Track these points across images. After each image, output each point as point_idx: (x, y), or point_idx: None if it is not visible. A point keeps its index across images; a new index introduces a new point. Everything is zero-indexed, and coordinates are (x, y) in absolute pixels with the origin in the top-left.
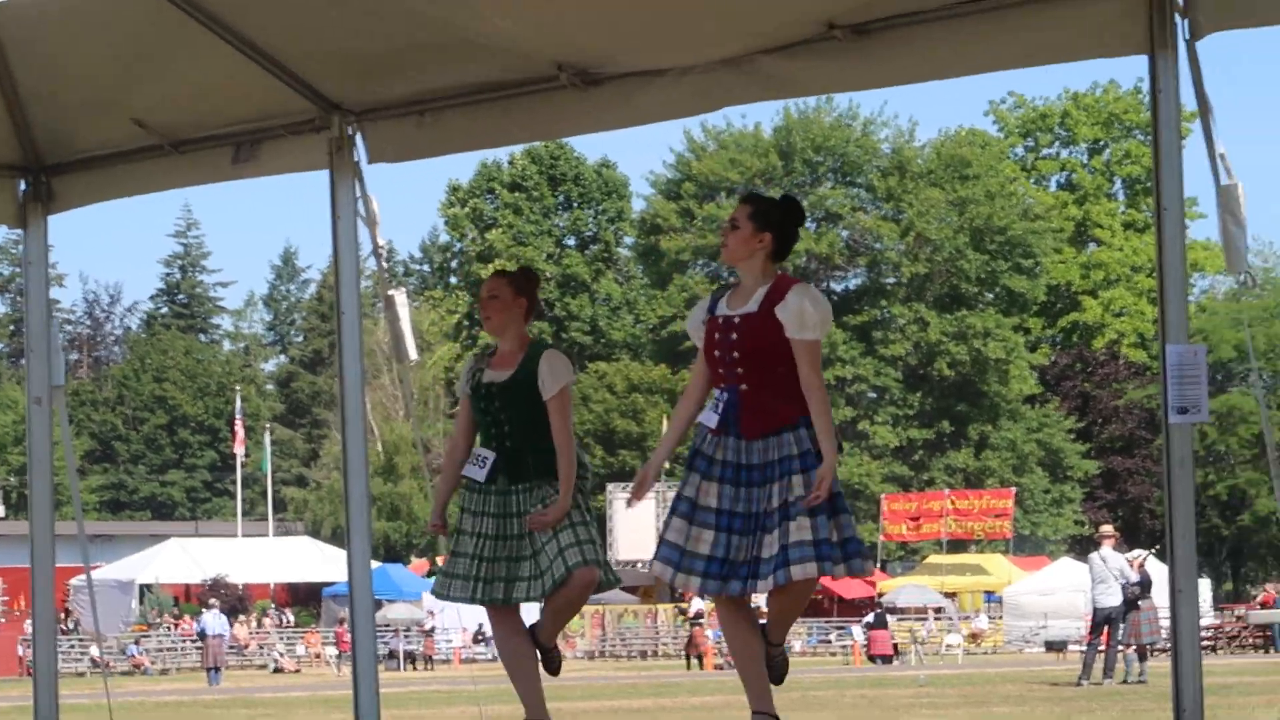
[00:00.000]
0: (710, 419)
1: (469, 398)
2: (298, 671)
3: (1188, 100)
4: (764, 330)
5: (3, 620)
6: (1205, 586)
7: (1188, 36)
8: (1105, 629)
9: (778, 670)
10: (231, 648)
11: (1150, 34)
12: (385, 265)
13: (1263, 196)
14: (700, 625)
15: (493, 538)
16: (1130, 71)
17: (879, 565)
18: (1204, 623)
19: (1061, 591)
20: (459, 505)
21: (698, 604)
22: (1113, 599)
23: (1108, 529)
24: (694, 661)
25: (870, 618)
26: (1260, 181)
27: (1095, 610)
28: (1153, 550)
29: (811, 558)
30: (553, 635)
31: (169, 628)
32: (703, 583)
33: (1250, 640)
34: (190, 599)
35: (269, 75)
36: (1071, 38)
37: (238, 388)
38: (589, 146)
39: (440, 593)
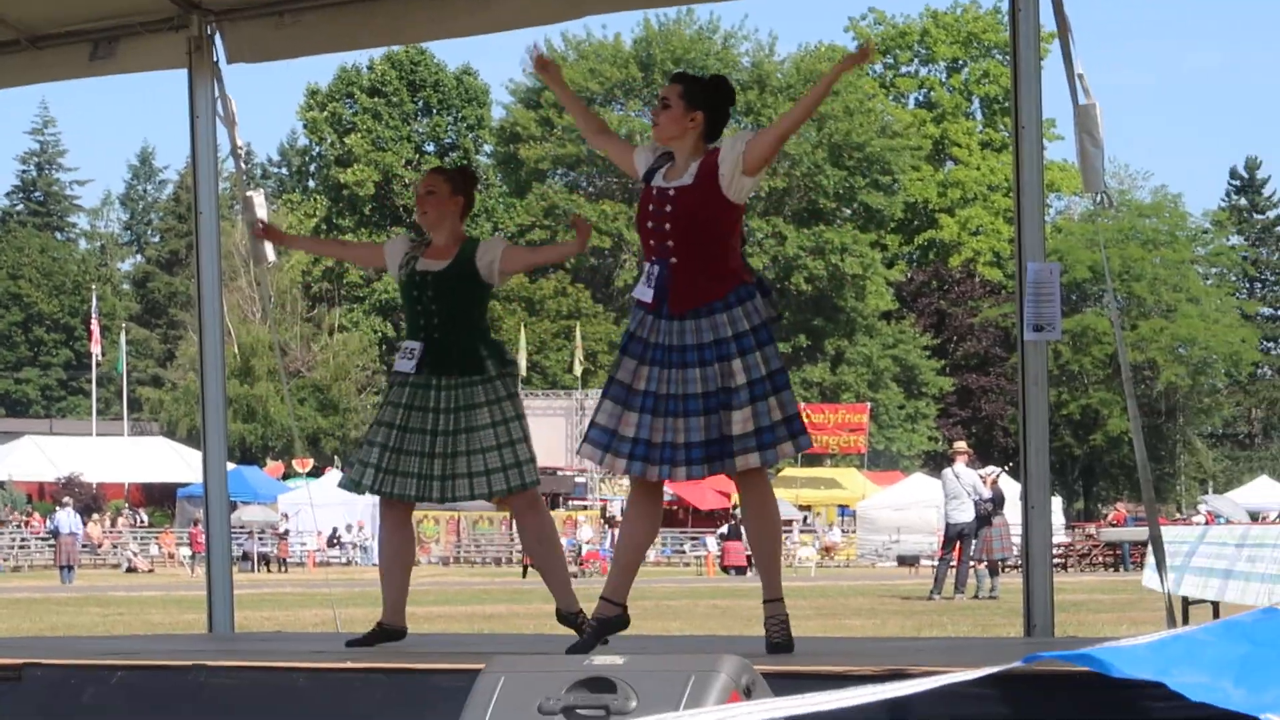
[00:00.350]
0: (645, 293)
1: (400, 283)
2: (151, 571)
3: (1047, 22)
4: (699, 202)
5: None
6: (1057, 504)
7: None
8: (957, 544)
9: (778, 636)
10: (85, 546)
11: None
12: (243, 166)
13: (1119, 118)
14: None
15: (408, 430)
16: None
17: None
18: (1055, 540)
19: (914, 507)
20: (383, 396)
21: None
22: (965, 515)
23: (961, 445)
24: (528, 570)
25: (724, 529)
26: (1116, 103)
27: (948, 526)
28: (1006, 468)
29: (754, 448)
30: (567, 600)
31: (20, 525)
32: (628, 463)
33: (1100, 559)
34: (44, 497)
35: None
36: None
37: (94, 287)
38: (450, 53)
39: (353, 481)
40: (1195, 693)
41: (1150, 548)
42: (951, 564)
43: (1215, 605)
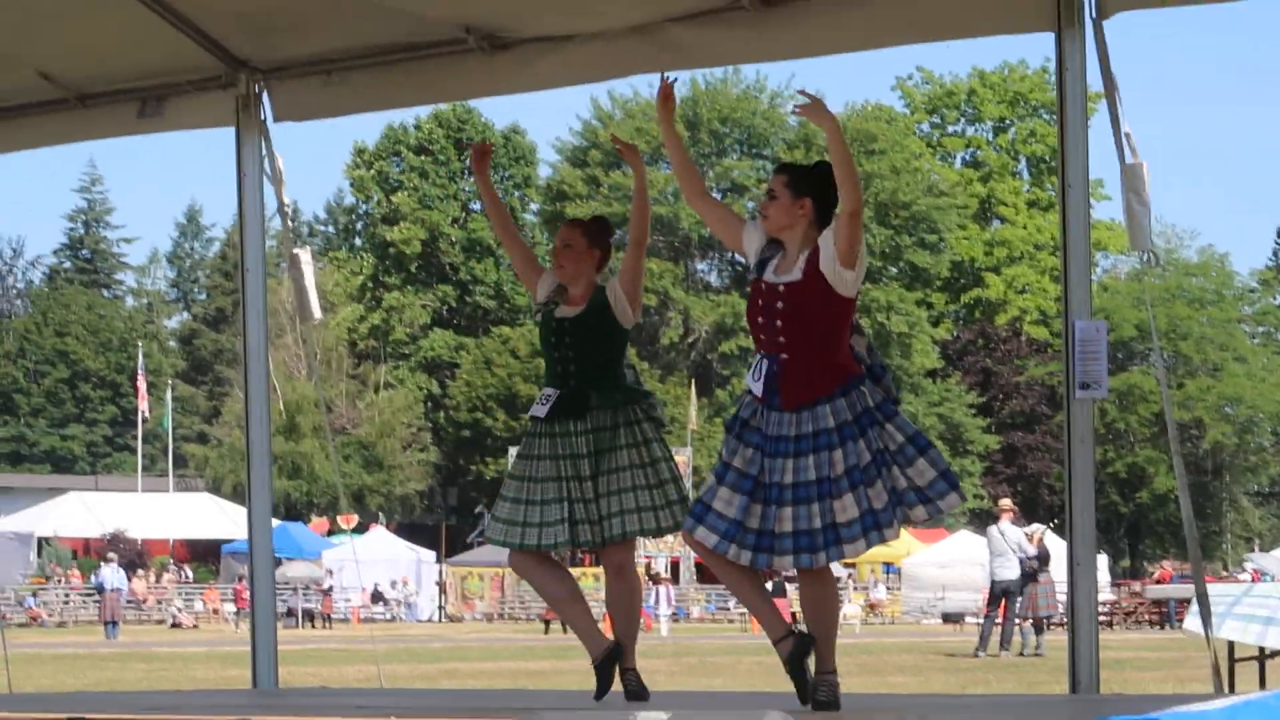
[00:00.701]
0: (756, 386)
1: (538, 325)
2: (195, 627)
3: (1094, 82)
4: (808, 298)
5: None
6: (1103, 562)
7: (1094, 15)
8: (1002, 601)
9: (825, 695)
10: (129, 602)
11: (1058, 12)
12: (290, 224)
13: (1166, 178)
14: None
15: (539, 480)
16: (1037, 51)
17: None
18: (1101, 598)
19: (960, 564)
20: (518, 451)
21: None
22: (1010, 572)
23: (1006, 503)
24: (550, 626)
25: (770, 585)
26: (1164, 163)
27: (993, 583)
28: (1051, 525)
29: (858, 535)
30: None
31: (59, 580)
32: (718, 541)
33: (1146, 616)
34: (89, 553)
35: (176, 30)
36: (979, 14)
37: (140, 344)
38: (497, 112)
39: (498, 539)
40: None
41: (1199, 607)
42: (996, 621)
43: (1261, 652)
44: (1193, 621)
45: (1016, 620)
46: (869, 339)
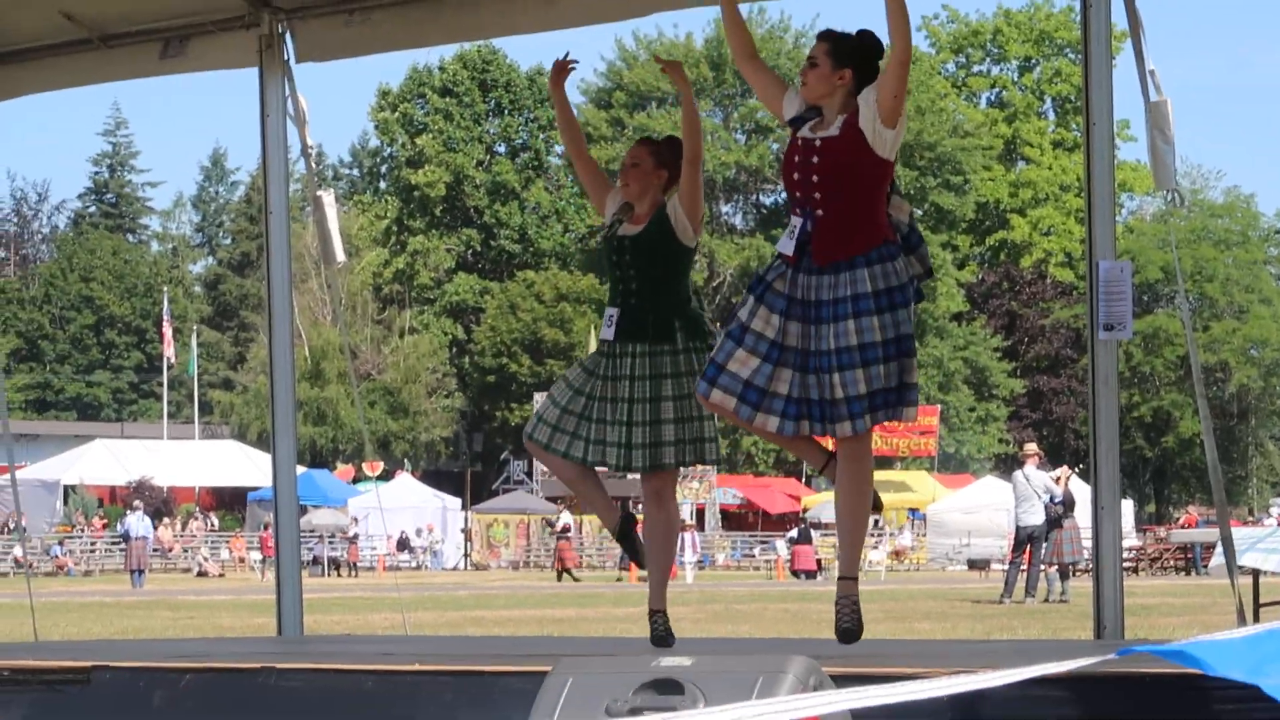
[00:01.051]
0: (787, 246)
1: (601, 246)
2: (221, 575)
3: (1119, 20)
4: (845, 153)
5: None
6: (1128, 508)
7: None
8: (1028, 547)
9: (847, 620)
10: (155, 550)
11: None
12: (314, 167)
13: (1192, 119)
14: (567, 539)
15: (586, 395)
16: None
17: (804, 480)
18: (1126, 544)
19: (985, 510)
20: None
21: (566, 518)
22: (1035, 517)
23: (1031, 447)
24: (564, 575)
25: (794, 533)
26: (1189, 102)
27: (1018, 529)
28: (1076, 469)
29: (861, 412)
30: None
31: (83, 529)
32: (737, 405)
33: (1172, 562)
34: (115, 501)
35: None
36: None
37: (165, 289)
38: (521, 53)
39: (536, 437)
40: None
41: (1223, 550)
42: (1022, 567)
43: None
44: (1217, 562)
45: (1042, 566)
46: (911, 208)
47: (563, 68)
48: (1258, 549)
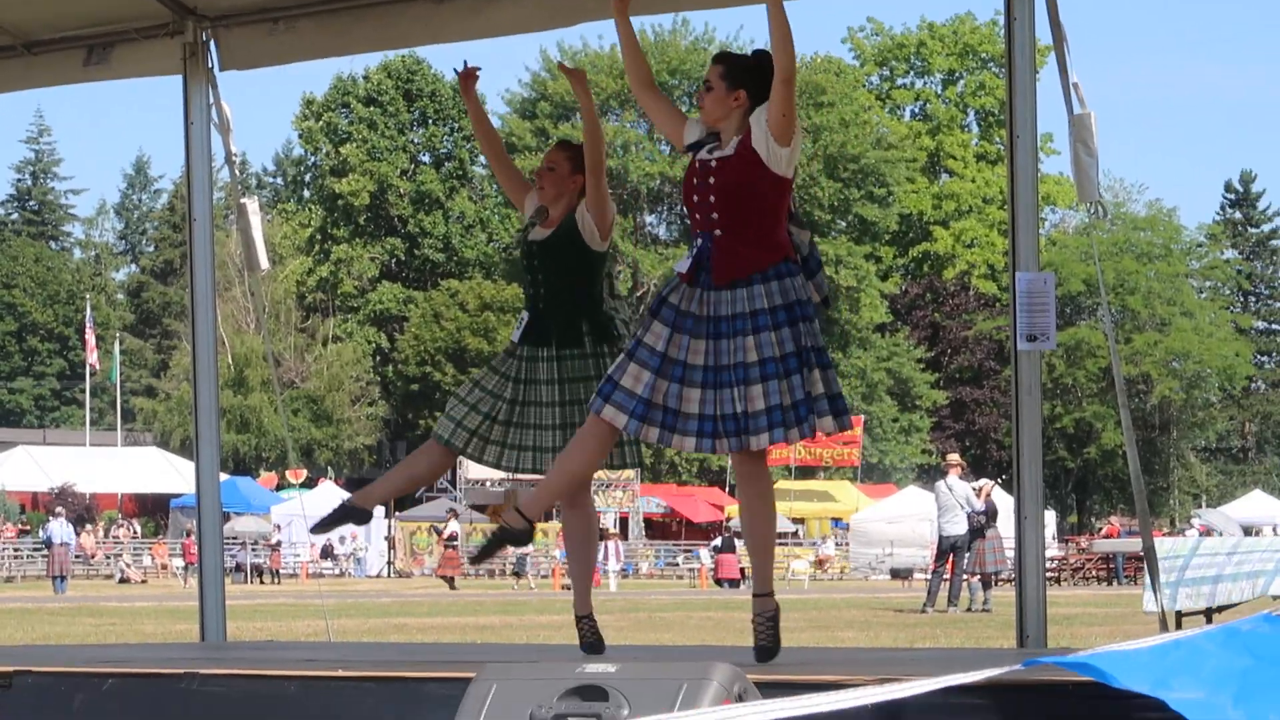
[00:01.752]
0: (684, 265)
1: (516, 248)
2: (144, 582)
3: (1043, 35)
4: (740, 172)
5: None
6: (1050, 519)
7: None
8: (950, 557)
9: (765, 638)
10: (78, 557)
11: None
12: (238, 175)
13: (1115, 132)
14: (454, 547)
15: (489, 393)
16: (987, 4)
17: (728, 489)
18: (1049, 554)
19: (908, 520)
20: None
21: (453, 525)
22: (958, 528)
23: (954, 458)
24: (450, 583)
25: (718, 541)
26: (1112, 116)
27: (940, 538)
28: (999, 480)
29: (754, 430)
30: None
31: (5, 535)
32: (627, 420)
33: (1094, 572)
34: (37, 507)
35: None
36: None
37: (88, 296)
38: (445, 62)
39: (443, 436)
40: (1193, 711)
41: (1145, 563)
42: (944, 577)
43: (1208, 613)
44: (1149, 599)
45: (965, 576)
46: (811, 234)
47: (470, 73)
48: (1186, 582)
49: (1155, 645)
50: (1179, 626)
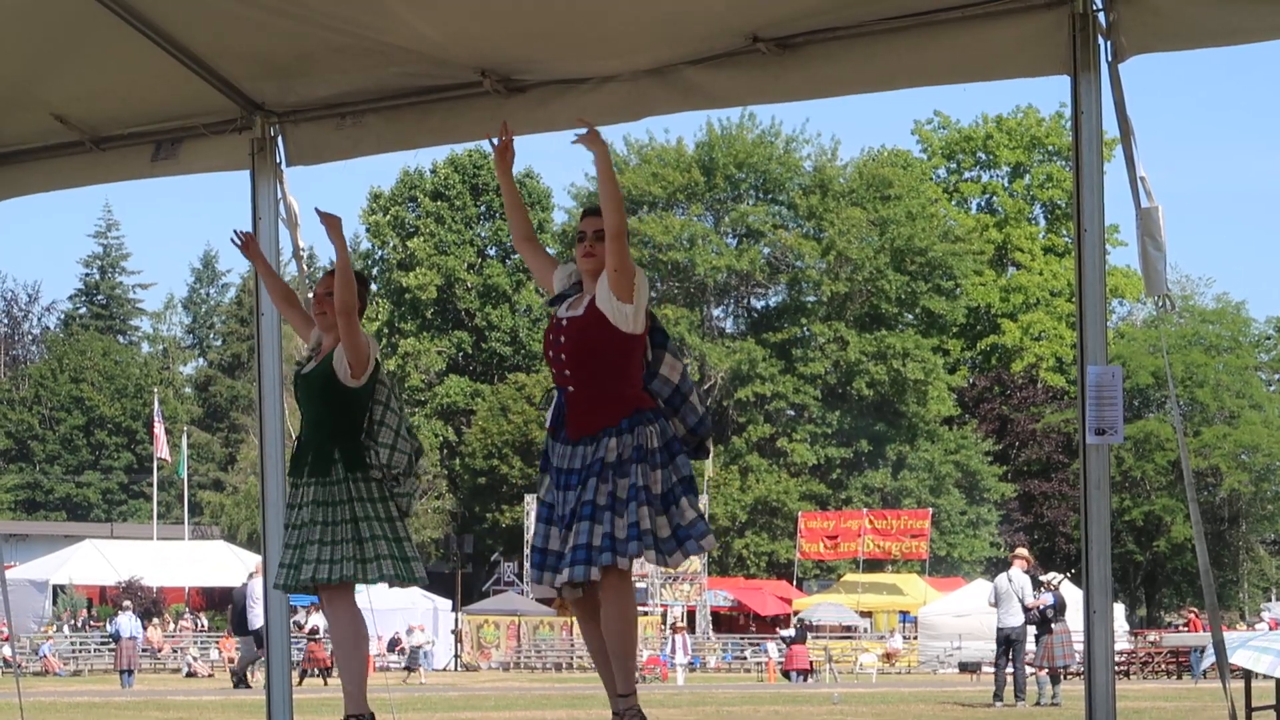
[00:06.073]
0: (548, 418)
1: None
2: (211, 676)
3: (1110, 128)
4: (587, 332)
5: None
6: (1119, 611)
7: (1110, 58)
8: (1009, 649)
9: None
10: (145, 650)
11: (1073, 55)
12: (306, 269)
13: (1182, 226)
14: (318, 640)
15: (294, 526)
16: (1051, 96)
17: (795, 583)
18: (1118, 647)
19: (976, 613)
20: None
21: (315, 619)
22: (1013, 619)
23: (1022, 551)
24: (311, 675)
25: (791, 632)
26: (1180, 209)
27: (997, 629)
28: (1068, 574)
29: (583, 561)
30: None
31: (73, 626)
32: (538, 573)
33: (1164, 666)
34: (104, 601)
35: (191, 73)
36: (995, 56)
37: (155, 390)
38: None
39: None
40: None
41: (1215, 657)
42: (1007, 671)
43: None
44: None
45: (1033, 670)
46: (685, 366)
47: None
48: (1249, 647)
49: None
50: (1248, 705)
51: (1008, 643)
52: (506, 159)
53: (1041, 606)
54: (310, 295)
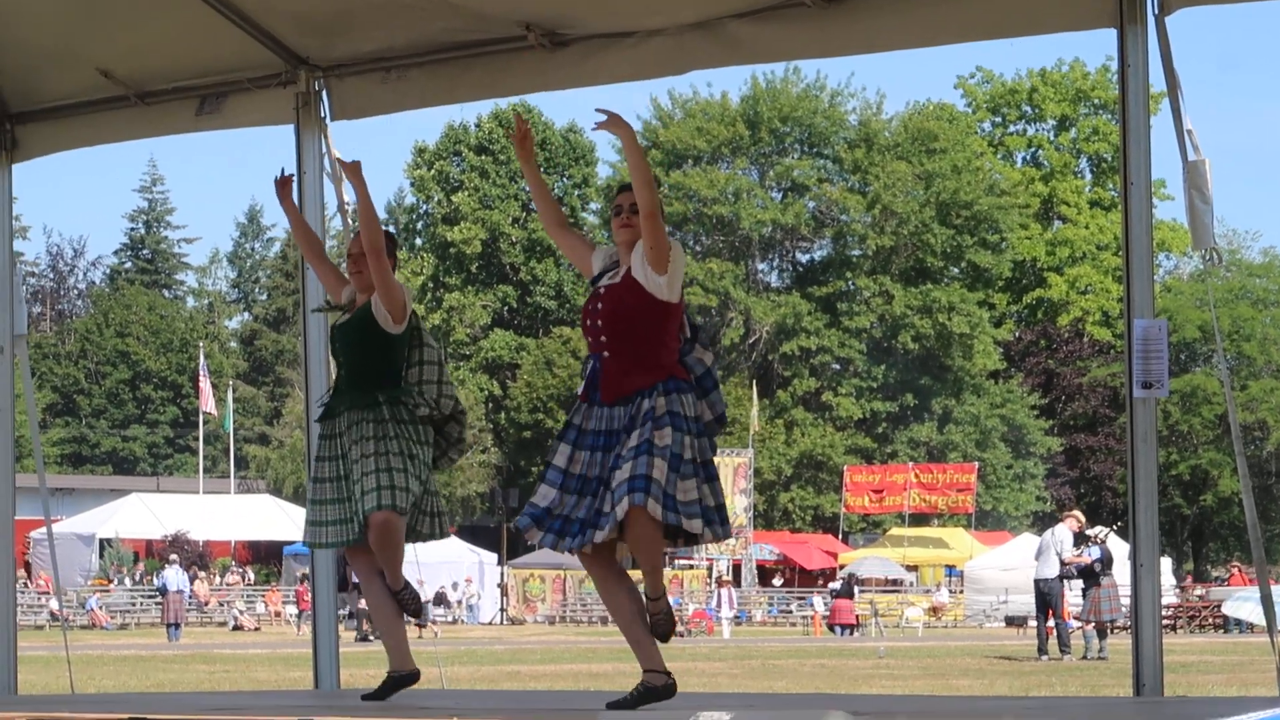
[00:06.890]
0: (580, 386)
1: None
2: (257, 629)
3: (1156, 81)
4: (624, 298)
5: None
6: (1166, 565)
7: (1157, 11)
8: (1046, 601)
9: (660, 628)
10: (191, 604)
11: (1120, 7)
12: (350, 223)
13: (1229, 180)
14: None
15: (321, 480)
16: (1097, 49)
17: (841, 537)
18: (1165, 601)
19: (1022, 567)
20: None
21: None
22: (1048, 570)
23: (1076, 512)
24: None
25: (838, 585)
26: (1227, 162)
27: (1035, 583)
28: (1114, 527)
29: (623, 493)
30: (392, 578)
31: (121, 580)
32: (542, 536)
33: (1211, 620)
34: (151, 555)
35: (236, 28)
36: (1042, 10)
37: (201, 344)
38: (557, 111)
39: (305, 540)
40: None
41: (1263, 610)
42: (1048, 624)
43: None
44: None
45: (1079, 624)
46: (712, 357)
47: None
48: None
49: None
50: None
51: (1045, 595)
52: (526, 147)
53: (1078, 563)
54: (347, 255)
